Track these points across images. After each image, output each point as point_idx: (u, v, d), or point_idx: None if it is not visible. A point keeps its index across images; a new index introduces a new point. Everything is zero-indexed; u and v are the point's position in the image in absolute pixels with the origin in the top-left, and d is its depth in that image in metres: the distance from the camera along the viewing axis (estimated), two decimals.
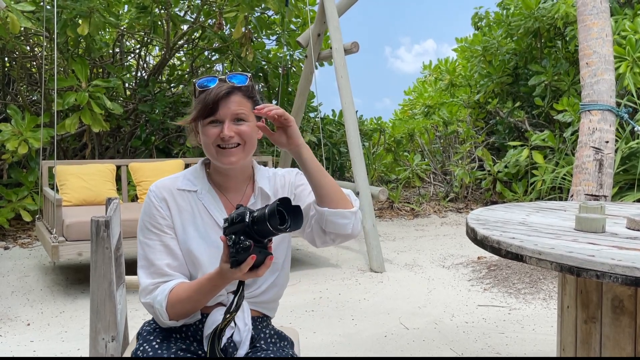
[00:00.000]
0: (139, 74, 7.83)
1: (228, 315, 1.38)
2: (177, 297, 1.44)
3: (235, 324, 1.49)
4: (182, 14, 7.40)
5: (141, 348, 1.49)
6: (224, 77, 1.50)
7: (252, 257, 1.29)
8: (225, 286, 1.42)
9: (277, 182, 1.62)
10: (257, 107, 1.44)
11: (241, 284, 1.41)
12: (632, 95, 5.42)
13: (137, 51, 7.99)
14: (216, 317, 1.48)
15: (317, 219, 1.52)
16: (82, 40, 6.54)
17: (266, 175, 1.63)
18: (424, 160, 9.04)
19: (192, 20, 7.25)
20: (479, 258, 5.01)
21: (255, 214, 1.30)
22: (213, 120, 1.47)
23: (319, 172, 1.49)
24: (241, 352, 1.48)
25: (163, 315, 1.45)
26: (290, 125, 1.45)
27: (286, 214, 1.29)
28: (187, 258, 1.51)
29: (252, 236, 1.30)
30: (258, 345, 1.55)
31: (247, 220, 1.30)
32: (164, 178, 1.58)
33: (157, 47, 8.38)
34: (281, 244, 1.58)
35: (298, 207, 1.30)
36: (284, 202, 1.30)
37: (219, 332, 1.40)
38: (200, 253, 1.50)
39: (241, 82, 1.50)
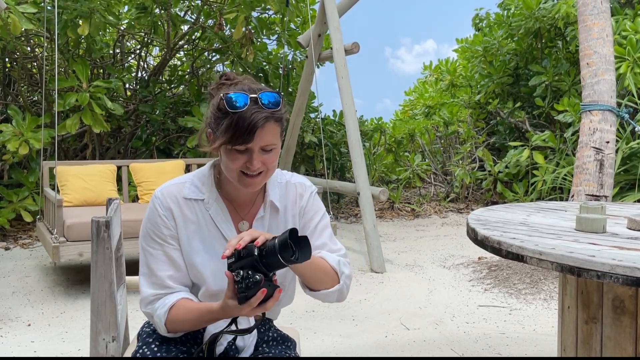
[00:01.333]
0: (139, 75, 7.84)
1: (220, 334, 1.38)
2: (176, 317, 1.42)
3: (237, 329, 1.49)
4: (182, 14, 7.41)
5: (140, 351, 1.49)
6: (255, 95, 1.35)
7: (263, 291, 1.25)
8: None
9: (288, 193, 1.54)
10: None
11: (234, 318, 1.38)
12: (633, 96, 5.42)
13: (138, 52, 8.00)
14: (218, 323, 1.47)
15: (302, 287, 1.51)
16: (82, 40, 6.55)
17: (278, 182, 1.55)
18: (425, 160, 9.03)
19: (193, 20, 7.26)
20: (479, 258, 5.00)
21: (263, 247, 1.26)
22: (241, 149, 1.35)
23: (309, 270, 1.43)
24: (244, 355, 1.48)
25: (162, 329, 1.45)
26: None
27: (294, 245, 1.25)
28: (190, 270, 1.47)
29: (260, 270, 1.26)
30: (261, 348, 1.54)
31: (255, 253, 1.25)
32: (170, 182, 1.50)
33: (157, 48, 8.39)
34: (288, 270, 1.53)
35: (305, 237, 1.26)
36: (293, 232, 1.26)
37: (219, 336, 1.40)
38: (204, 267, 1.46)
39: (276, 106, 1.36)
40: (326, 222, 1.57)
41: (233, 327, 1.46)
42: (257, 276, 1.25)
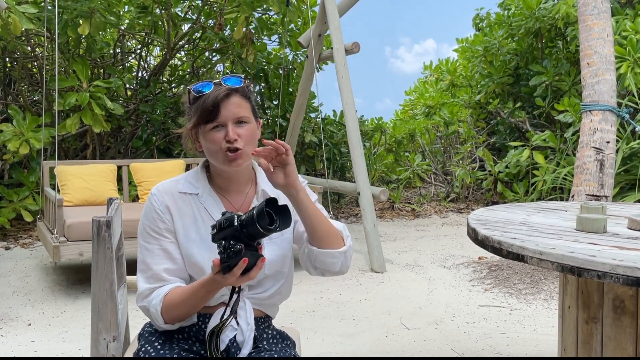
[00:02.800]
0: (139, 74, 7.84)
1: (220, 322, 1.40)
2: (172, 301, 1.44)
3: (238, 323, 1.49)
4: (182, 14, 7.41)
5: (143, 349, 1.49)
6: (218, 80, 1.49)
7: (244, 260, 1.29)
8: (219, 291, 1.42)
9: None
10: (265, 142, 1.40)
11: (234, 291, 1.41)
12: (633, 96, 5.42)
13: (138, 51, 8.00)
14: (219, 317, 1.48)
15: (307, 253, 1.53)
16: (83, 40, 6.55)
17: None
18: (425, 160, 9.03)
19: (194, 19, 7.26)
20: (479, 258, 5.00)
21: (243, 217, 1.30)
22: (215, 125, 1.45)
23: (314, 215, 1.47)
24: (244, 352, 1.48)
25: (158, 319, 1.46)
26: (290, 163, 1.41)
27: (274, 214, 1.29)
28: (187, 262, 1.50)
29: (242, 240, 1.30)
30: (261, 345, 1.55)
31: (235, 224, 1.29)
32: (165, 181, 1.57)
33: (157, 48, 8.39)
34: (287, 254, 1.57)
35: (286, 206, 1.31)
36: (271, 202, 1.30)
37: (216, 333, 1.41)
38: (201, 257, 1.49)
39: (237, 84, 1.48)
40: (320, 207, 1.60)
41: (233, 322, 1.47)
42: (238, 246, 1.29)
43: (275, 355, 1.48)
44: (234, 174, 1.53)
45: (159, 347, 1.48)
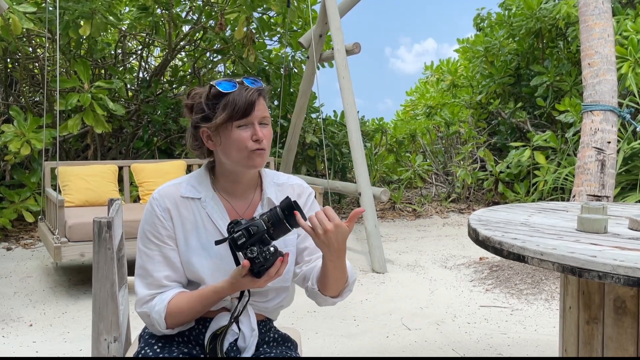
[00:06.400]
0: (141, 75, 7.84)
1: (224, 326, 1.42)
2: (177, 307, 1.43)
3: (239, 329, 1.49)
4: (183, 15, 7.41)
5: (142, 352, 1.49)
6: (239, 80, 1.48)
7: (280, 259, 1.33)
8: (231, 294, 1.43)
9: (285, 193, 1.57)
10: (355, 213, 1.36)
11: (242, 297, 1.44)
12: (634, 96, 5.41)
13: (139, 52, 8.00)
14: (220, 322, 1.48)
15: (308, 287, 1.54)
16: (84, 41, 6.55)
17: (274, 182, 1.58)
18: (426, 160, 9.03)
19: (195, 20, 7.26)
20: (481, 259, 5.00)
21: (266, 218, 1.34)
22: (243, 124, 1.44)
23: (340, 271, 1.46)
24: (246, 356, 1.49)
25: (161, 325, 1.45)
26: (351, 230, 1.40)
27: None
28: (186, 269, 1.49)
29: (267, 242, 1.34)
30: (262, 349, 1.54)
31: (265, 227, 1.33)
32: (167, 184, 1.54)
33: (158, 48, 8.39)
34: (290, 268, 1.56)
35: (295, 202, 1.35)
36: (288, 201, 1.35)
37: (220, 335, 1.41)
38: (201, 265, 1.47)
39: (260, 85, 1.49)
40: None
41: (234, 327, 1.47)
42: (271, 247, 1.33)
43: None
44: (242, 176, 1.51)
45: (158, 350, 1.48)
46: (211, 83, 1.47)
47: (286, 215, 1.32)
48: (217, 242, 1.39)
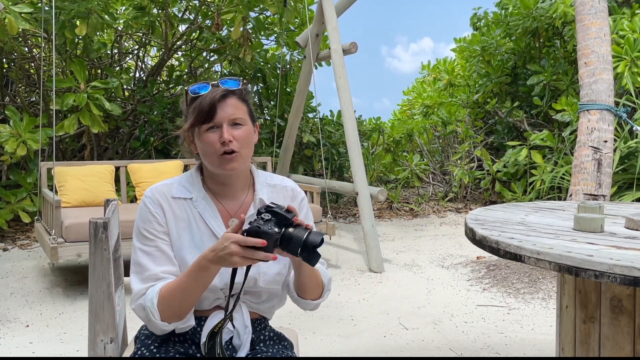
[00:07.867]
0: (137, 75, 7.83)
1: (218, 323, 1.39)
2: (168, 289, 1.40)
3: (234, 326, 1.48)
4: (180, 15, 7.40)
5: (139, 352, 1.49)
6: (216, 82, 1.48)
7: (264, 242, 1.27)
8: (215, 272, 1.37)
9: (278, 195, 1.57)
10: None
11: (230, 293, 1.41)
12: (631, 95, 5.43)
13: (135, 52, 7.99)
14: (214, 321, 1.47)
15: (291, 296, 1.59)
16: (80, 41, 6.54)
17: (267, 183, 1.58)
18: (423, 160, 9.04)
19: (191, 19, 7.25)
20: (478, 258, 5.01)
21: (293, 231, 1.31)
22: (211, 127, 1.44)
23: (310, 275, 1.50)
24: (242, 354, 1.48)
25: (155, 315, 1.40)
26: None
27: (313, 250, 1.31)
28: (181, 267, 1.48)
29: (274, 236, 1.31)
30: (258, 347, 1.54)
31: (289, 229, 1.31)
32: (159, 184, 1.54)
33: (155, 48, 8.38)
34: (283, 272, 1.55)
35: (318, 252, 1.33)
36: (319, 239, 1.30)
37: (217, 333, 1.40)
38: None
39: (234, 86, 1.48)
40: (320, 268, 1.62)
41: (229, 325, 1.46)
42: (276, 228, 1.29)
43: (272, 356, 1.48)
44: (228, 178, 1.50)
45: (154, 350, 1.48)
46: (186, 88, 1.49)
47: (304, 250, 1.30)
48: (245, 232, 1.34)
